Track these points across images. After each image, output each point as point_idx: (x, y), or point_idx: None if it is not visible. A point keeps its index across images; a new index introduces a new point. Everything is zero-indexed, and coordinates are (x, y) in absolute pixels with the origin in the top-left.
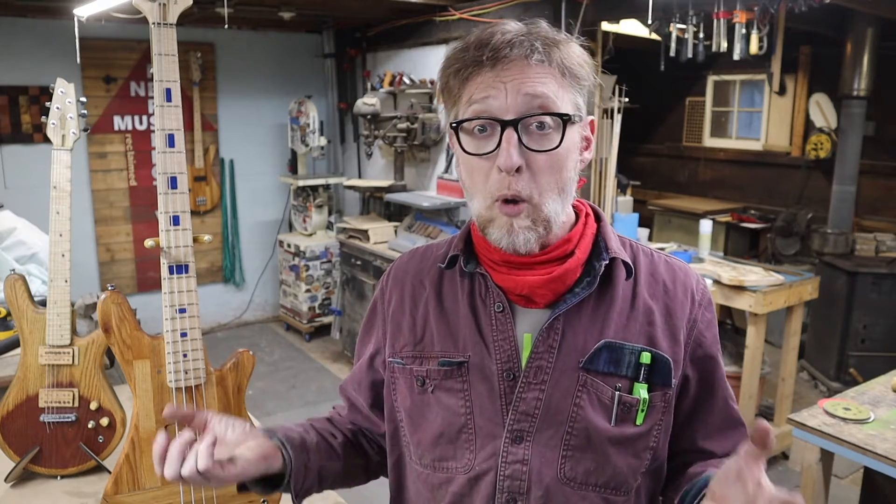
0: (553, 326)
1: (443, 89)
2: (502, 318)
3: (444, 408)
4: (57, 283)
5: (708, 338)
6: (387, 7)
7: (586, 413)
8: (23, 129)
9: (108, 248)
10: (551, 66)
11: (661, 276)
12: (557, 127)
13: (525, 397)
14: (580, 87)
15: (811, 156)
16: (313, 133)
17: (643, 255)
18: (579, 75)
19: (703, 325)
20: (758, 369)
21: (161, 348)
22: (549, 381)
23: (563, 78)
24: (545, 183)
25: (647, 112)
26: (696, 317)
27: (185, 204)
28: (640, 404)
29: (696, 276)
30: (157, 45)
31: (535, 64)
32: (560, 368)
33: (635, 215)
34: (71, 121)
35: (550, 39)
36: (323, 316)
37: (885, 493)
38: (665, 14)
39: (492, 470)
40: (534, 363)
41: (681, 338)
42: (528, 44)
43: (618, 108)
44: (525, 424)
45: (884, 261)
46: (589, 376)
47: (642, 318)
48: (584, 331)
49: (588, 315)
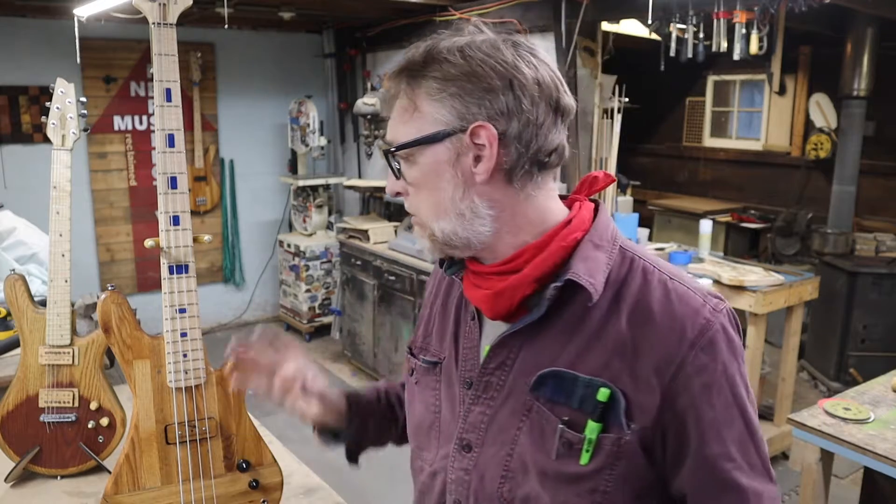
0: (507, 344)
1: None
2: (472, 327)
3: (423, 401)
4: (57, 283)
5: (695, 387)
6: (387, 7)
7: (528, 439)
8: (23, 129)
9: (108, 248)
10: (412, 97)
11: (650, 304)
12: (409, 156)
13: (473, 409)
14: (460, 99)
15: (811, 156)
16: (313, 133)
17: (638, 277)
18: (464, 90)
19: (693, 370)
20: (758, 369)
21: (161, 348)
22: (498, 399)
23: (411, 102)
24: (419, 205)
25: (647, 112)
26: (682, 359)
27: (185, 204)
28: (583, 443)
29: (700, 311)
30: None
31: (396, 103)
32: (510, 388)
33: (635, 215)
34: (71, 121)
35: (406, 71)
36: (323, 316)
37: (885, 493)
38: (665, 14)
39: (443, 471)
40: (483, 378)
41: (653, 380)
42: (396, 86)
43: (618, 108)
44: (473, 436)
45: (884, 261)
46: (537, 403)
47: (610, 348)
48: (539, 353)
49: (550, 337)
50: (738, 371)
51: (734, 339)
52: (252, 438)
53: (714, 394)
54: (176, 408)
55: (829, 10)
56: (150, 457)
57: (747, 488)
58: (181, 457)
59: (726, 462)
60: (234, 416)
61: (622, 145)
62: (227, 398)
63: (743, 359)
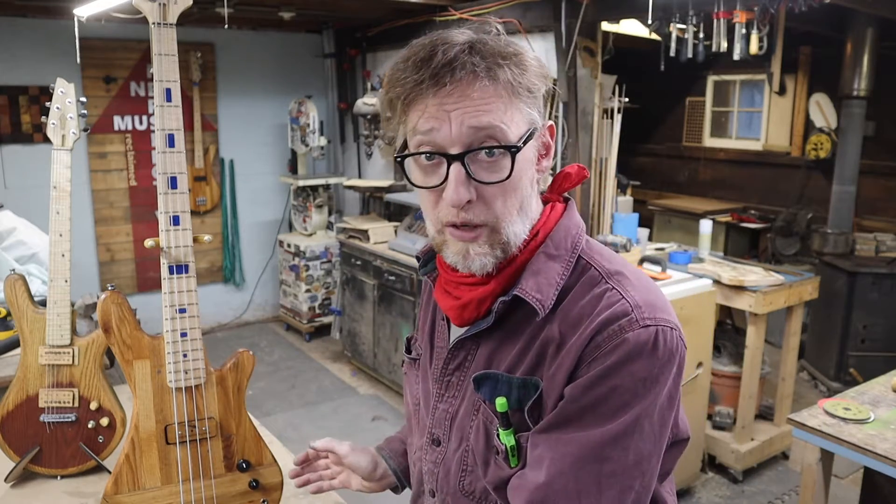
0: (464, 346)
1: (385, 109)
2: (442, 327)
3: (410, 393)
4: (57, 283)
5: (574, 389)
6: (387, 7)
7: (476, 437)
8: (23, 129)
9: (108, 248)
10: (497, 86)
11: (583, 311)
12: (507, 153)
13: (439, 407)
14: (533, 99)
15: (811, 156)
16: (313, 133)
17: (585, 283)
18: (531, 88)
19: (585, 369)
20: (758, 369)
21: (161, 348)
22: (458, 398)
23: (512, 96)
24: (499, 209)
25: (647, 112)
26: (583, 357)
27: (185, 204)
28: (507, 451)
29: (621, 318)
30: (157, 45)
31: (479, 88)
32: (466, 387)
33: (635, 215)
34: (71, 121)
35: (496, 54)
36: (323, 316)
37: (885, 493)
38: (665, 14)
39: (419, 461)
40: (445, 377)
41: (560, 376)
42: (471, 65)
43: (618, 108)
44: (440, 431)
45: (884, 261)
46: (484, 404)
47: (540, 349)
48: (489, 357)
49: (498, 342)
50: (633, 386)
51: (648, 356)
52: (252, 438)
53: (594, 386)
54: (176, 408)
55: (829, 10)
56: (150, 457)
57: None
58: (181, 457)
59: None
60: (234, 416)
61: (622, 145)
62: (227, 398)
63: (654, 384)
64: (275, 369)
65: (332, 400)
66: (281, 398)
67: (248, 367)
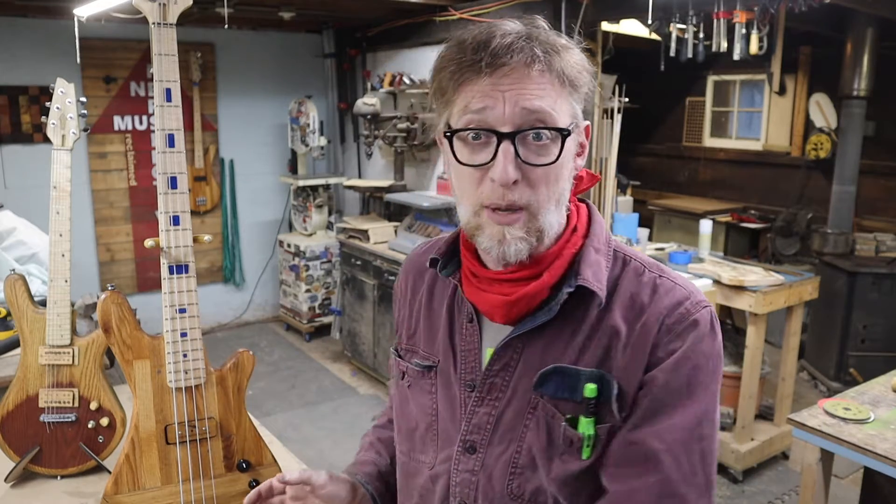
0: (511, 345)
1: (436, 90)
2: (471, 329)
3: (418, 404)
4: (57, 283)
5: (661, 374)
6: (387, 7)
7: (534, 436)
8: (23, 129)
9: (108, 248)
10: (551, 74)
11: (641, 300)
12: (555, 139)
13: (478, 411)
14: (578, 95)
15: (811, 156)
16: (313, 133)
17: (631, 274)
18: (578, 83)
19: (664, 353)
20: (758, 369)
21: (161, 348)
22: (503, 399)
23: (562, 87)
24: (542, 194)
25: (647, 112)
26: (656, 342)
27: (185, 204)
28: (583, 440)
29: (683, 303)
30: (157, 45)
31: (535, 73)
32: (515, 388)
33: (635, 215)
34: (71, 121)
35: (552, 45)
36: (323, 316)
37: (885, 493)
38: (665, 14)
39: (446, 473)
40: (488, 380)
41: (640, 365)
42: (530, 50)
43: (618, 108)
44: (477, 437)
45: (884, 261)
46: (542, 400)
47: (605, 341)
48: (543, 352)
49: (551, 336)
50: (707, 364)
51: (710, 335)
52: (252, 438)
53: (683, 383)
54: (176, 408)
55: (829, 10)
56: (150, 457)
57: (660, 465)
58: (181, 457)
59: (656, 441)
60: (233, 416)
61: (622, 145)
62: (227, 398)
63: (719, 360)
64: (275, 369)
65: (332, 400)
66: (281, 398)
67: (248, 367)
